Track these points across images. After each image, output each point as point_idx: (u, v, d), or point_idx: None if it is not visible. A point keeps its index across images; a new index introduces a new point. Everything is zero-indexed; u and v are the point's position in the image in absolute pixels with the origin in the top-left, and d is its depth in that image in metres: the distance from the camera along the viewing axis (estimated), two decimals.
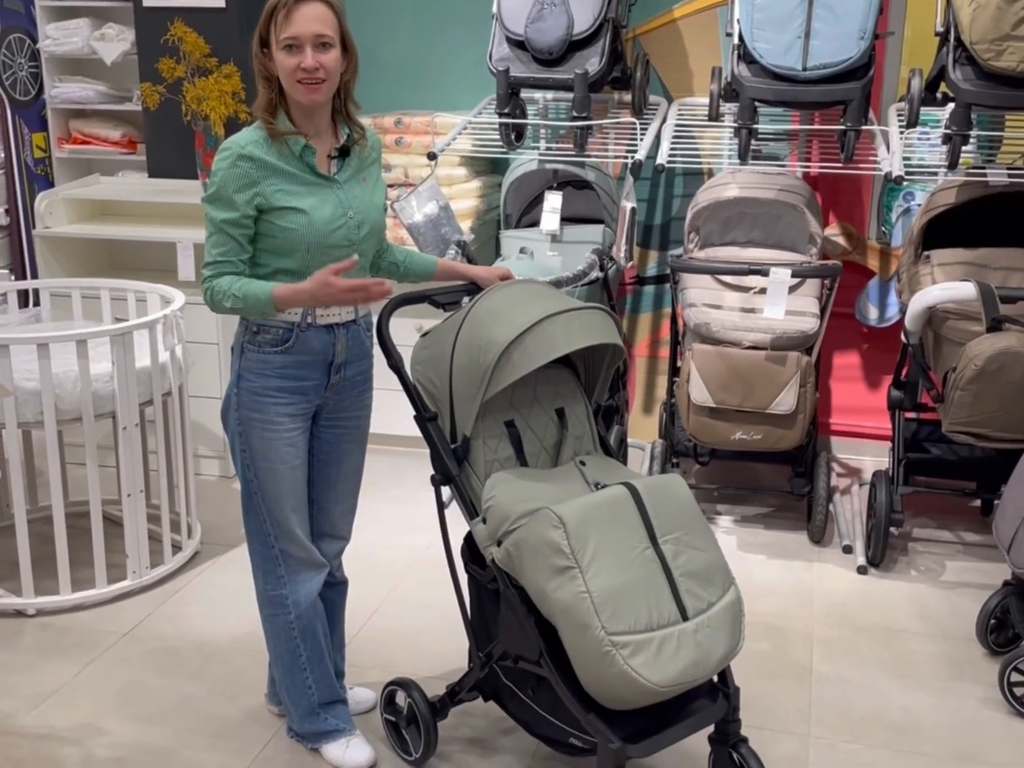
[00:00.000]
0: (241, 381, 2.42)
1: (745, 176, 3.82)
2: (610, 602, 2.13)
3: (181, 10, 4.23)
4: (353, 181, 2.41)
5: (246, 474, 2.47)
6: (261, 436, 2.41)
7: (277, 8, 2.26)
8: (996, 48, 3.12)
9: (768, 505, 4.04)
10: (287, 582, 2.51)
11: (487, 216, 4.32)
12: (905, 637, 3.20)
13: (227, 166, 2.28)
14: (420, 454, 2.56)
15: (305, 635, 2.55)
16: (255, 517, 2.50)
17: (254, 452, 2.43)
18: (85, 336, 3.19)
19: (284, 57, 2.26)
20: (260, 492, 2.46)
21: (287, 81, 2.29)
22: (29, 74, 4.71)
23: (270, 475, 2.44)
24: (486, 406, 2.37)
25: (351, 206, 2.38)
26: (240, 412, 2.42)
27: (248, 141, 2.30)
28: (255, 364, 2.39)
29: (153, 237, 4.21)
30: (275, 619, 2.55)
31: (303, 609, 2.53)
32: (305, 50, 2.25)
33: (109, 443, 3.54)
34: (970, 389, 3.18)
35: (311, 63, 2.25)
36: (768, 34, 3.41)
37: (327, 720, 2.62)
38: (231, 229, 2.30)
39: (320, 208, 2.33)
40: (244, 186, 2.28)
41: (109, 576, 3.35)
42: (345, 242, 2.37)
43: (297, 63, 2.25)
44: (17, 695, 2.89)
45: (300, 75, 2.26)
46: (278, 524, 2.48)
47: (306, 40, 2.24)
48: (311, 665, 2.57)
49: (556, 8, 3.65)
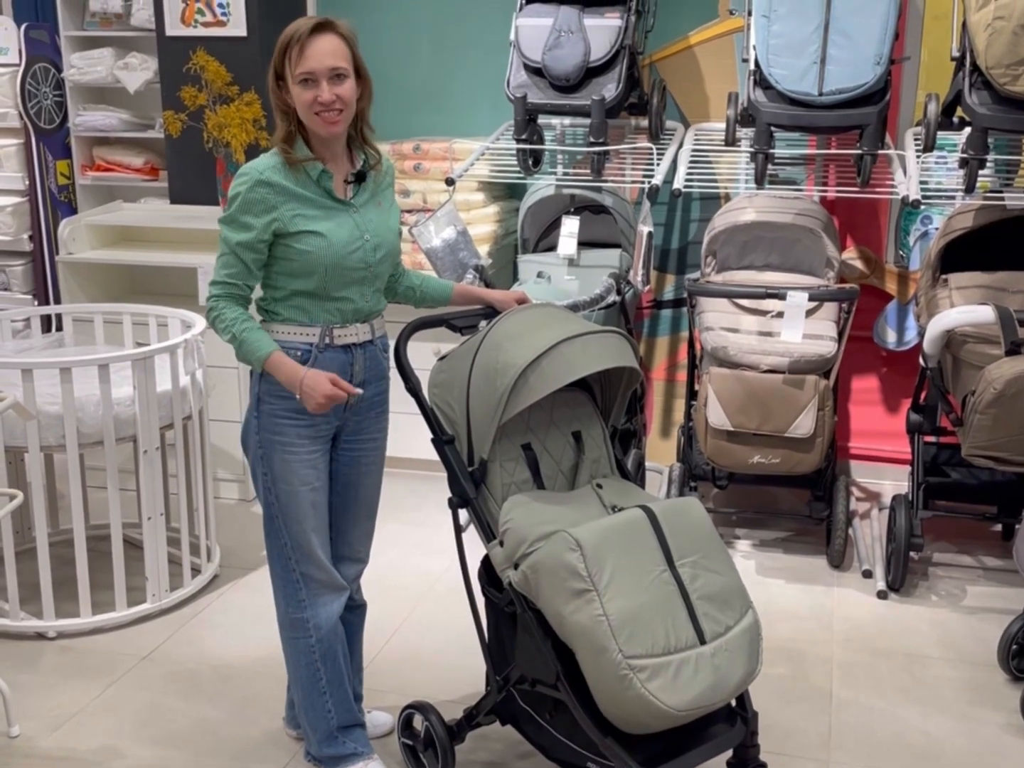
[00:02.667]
0: (261, 404, 2.43)
1: (762, 200, 3.83)
2: (627, 625, 2.13)
3: (203, 39, 4.30)
4: (369, 205, 2.43)
5: (267, 497, 2.48)
6: (282, 458, 2.43)
7: (291, 44, 2.27)
8: (1012, 73, 3.13)
9: (787, 529, 4.02)
10: (308, 605, 2.52)
11: (505, 241, 4.34)
12: (926, 662, 3.18)
13: (245, 190, 2.31)
14: (438, 477, 2.57)
15: (326, 659, 2.55)
16: (276, 540, 2.51)
17: (275, 475, 2.45)
18: (107, 360, 3.23)
19: (300, 91, 2.28)
20: (281, 515, 2.47)
21: (305, 114, 2.31)
22: (54, 103, 4.78)
23: (291, 497, 2.45)
24: (503, 429, 2.38)
25: (367, 229, 2.40)
26: (261, 435, 2.44)
27: (266, 167, 2.33)
28: (275, 387, 2.40)
29: (174, 262, 4.25)
30: (296, 642, 2.55)
31: (324, 632, 2.53)
32: (321, 84, 2.27)
33: (130, 467, 3.56)
34: (989, 413, 3.17)
35: (328, 97, 2.27)
36: (784, 60, 3.43)
37: (345, 744, 2.61)
38: (244, 252, 2.33)
39: (337, 231, 2.35)
40: (262, 211, 2.31)
41: (129, 599, 3.37)
42: (362, 264, 2.39)
43: (314, 97, 2.27)
44: (37, 717, 2.90)
45: (317, 108, 2.28)
46: (299, 547, 2.48)
47: (321, 74, 2.27)
48: (331, 688, 2.57)
49: (573, 36, 3.68)
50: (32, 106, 4.69)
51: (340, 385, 2.32)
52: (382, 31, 4.46)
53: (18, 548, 3.43)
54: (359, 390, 2.38)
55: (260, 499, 2.52)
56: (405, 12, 4.48)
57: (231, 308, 2.36)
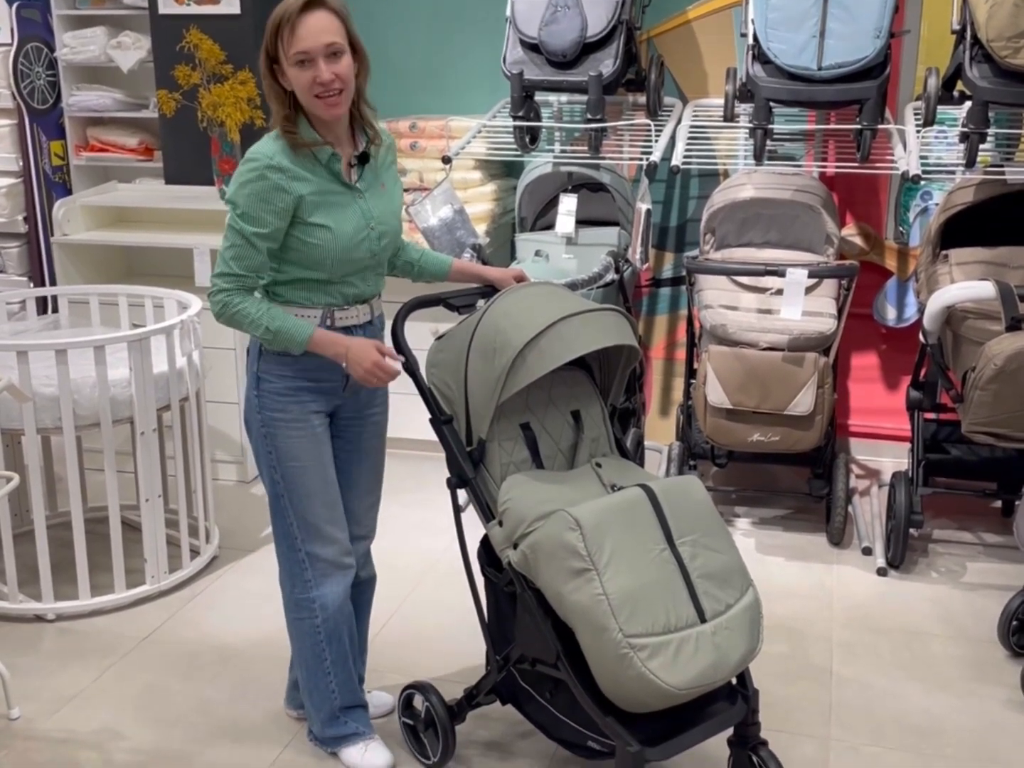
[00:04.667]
0: (261, 383, 2.42)
1: (761, 177, 3.81)
2: (627, 604, 2.12)
3: (196, 17, 4.26)
4: (373, 188, 2.40)
5: (272, 476, 2.46)
6: (287, 435, 2.41)
7: (282, 24, 2.21)
8: (1013, 45, 3.10)
9: (786, 507, 4.02)
10: (314, 586, 2.50)
11: (502, 219, 4.32)
12: (926, 639, 3.18)
13: (255, 177, 2.25)
14: (437, 457, 2.56)
15: (331, 639, 2.54)
16: (282, 521, 2.49)
17: (280, 453, 2.43)
18: (103, 342, 3.21)
19: (297, 73, 2.23)
20: (287, 494, 2.45)
21: (305, 97, 2.26)
22: (47, 83, 4.74)
23: (299, 474, 2.43)
24: (501, 408, 2.36)
25: (372, 216, 2.37)
26: (263, 414, 2.42)
27: (274, 151, 2.27)
28: (275, 366, 2.39)
29: (170, 243, 4.23)
30: (301, 623, 2.54)
31: (330, 612, 2.52)
32: (318, 63, 2.21)
33: (127, 448, 3.55)
34: (989, 389, 3.15)
35: (327, 76, 2.22)
36: (783, 34, 3.40)
37: (347, 724, 2.61)
38: (261, 242, 2.27)
39: (344, 224, 2.32)
40: (277, 198, 2.25)
41: (128, 581, 3.37)
42: (368, 254, 2.37)
43: (312, 77, 2.22)
44: (37, 700, 2.90)
45: (317, 89, 2.23)
46: (306, 525, 2.47)
47: (317, 52, 2.21)
48: (335, 669, 2.57)
49: (570, 11, 3.65)
50: (25, 86, 4.65)
51: (385, 352, 2.32)
52: (378, 8, 4.41)
53: (16, 531, 3.42)
54: (401, 358, 2.38)
55: (264, 479, 2.50)
56: None
57: (248, 301, 2.31)
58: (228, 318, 2.33)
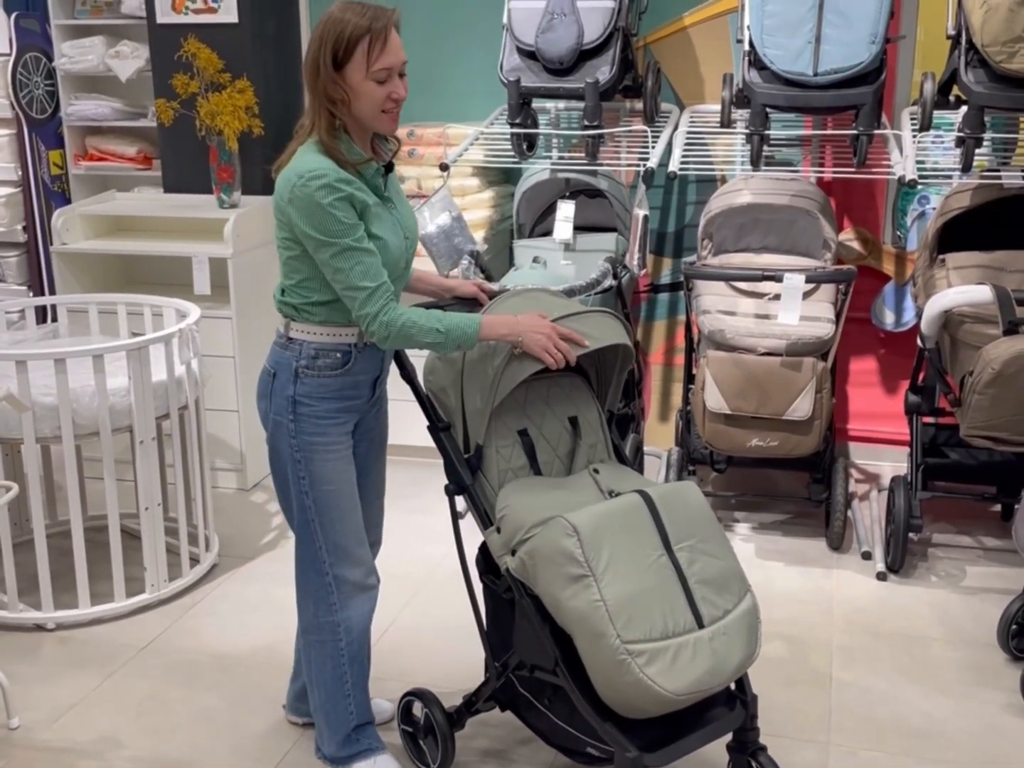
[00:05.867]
0: (298, 407, 2.34)
1: (758, 182, 3.82)
2: (625, 610, 2.12)
3: (194, 26, 4.27)
4: (398, 198, 2.40)
5: (303, 501, 2.40)
6: (324, 459, 2.37)
7: (373, 38, 2.18)
8: (1008, 50, 3.11)
9: (786, 512, 4.02)
10: (339, 609, 2.47)
11: (500, 226, 4.33)
12: (926, 643, 3.18)
13: (326, 192, 2.17)
14: (435, 465, 2.56)
15: (353, 662, 2.52)
16: (310, 545, 2.44)
17: (315, 477, 2.38)
18: (102, 351, 3.22)
19: (374, 88, 2.20)
20: (319, 518, 2.41)
21: (372, 111, 2.23)
22: (45, 92, 4.75)
23: (333, 497, 2.40)
24: (498, 414, 2.37)
25: (404, 226, 2.37)
26: (299, 439, 2.36)
27: (328, 167, 2.19)
28: (314, 389, 2.34)
29: (169, 252, 4.24)
30: (323, 645, 2.51)
31: (354, 636, 2.50)
32: (395, 79, 2.22)
33: (126, 457, 3.56)
34: (987, 393, 3.16)
35: (404, 93, 2.24)
36: (779, 40, 3.41)
37: (359, 742, 2.59)
38: (369, 247, 2.22)
39: (391, 235, 2.30)
40: (349, 206, 2.20)
41: (128, 589, 3.37)
42: (404, 263, 2.37)
43: (387, 93, 2.21)
44: (37, 709, 2.90)
45: (389, 105, 2.23)
46: (336, 548, 2.43)
47: (396, 70, 2.23)
48: (355, 691, 2.55)
49: (566, 18, 3.66)
50: (24, 96, 4.66)
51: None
52: None
53: (16, 540, 3.42)
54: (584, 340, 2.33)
55: (293, 504, 2.43)
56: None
57: (406, 310, 2.24)
58: (396, 335, 2.23)
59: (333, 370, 2.34)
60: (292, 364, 2.35)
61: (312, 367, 2.34)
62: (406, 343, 2.27)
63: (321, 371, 2.34)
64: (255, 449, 4.19)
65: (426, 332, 2.24)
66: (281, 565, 3.60)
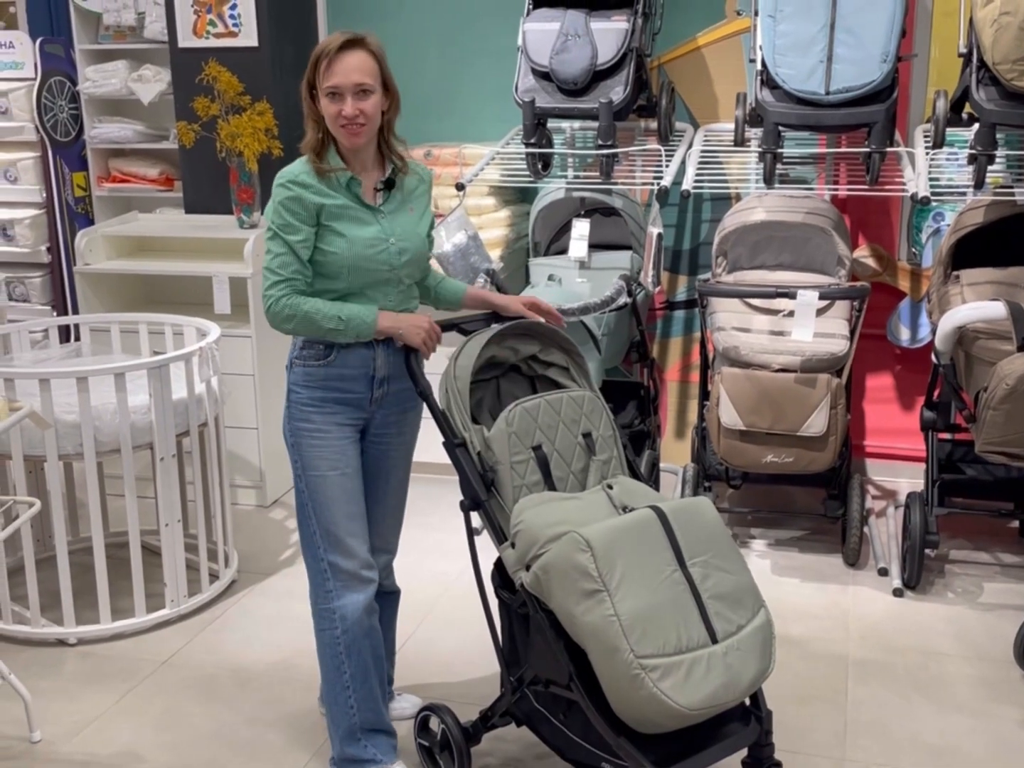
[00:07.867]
0: (292, 394, 2.54)
1: (772, 200, 3.84)
2: (639, 625, 2.14)
3: (215, 50, 4.34)
4: (400, 211, 2.52)
5: (298, 485, 2.56)
6: (310, 445, 2.51)
7: (321, 57, 2.38)
8: (1019, 68, 3.13)
9: (802, 528, 4.02)
10: (335, 596, 2.55)
11: (516, 244, 4.36)
12: (942, 660, 3.17)
13: (283, 191, 2.41)
14: (452, 481, 2.59)
15: (350, 652, 2.56)
16: (306, 529, 2.57)
17: (304, 462, 2.53)
18: (123, 369, 3.26)
19: (327, 104, 2.39)
20: (311, 503, 2.54)
21: (331, 125, 2.42)
22: (69, 115, 4.83)
23: (320, 483, 2.51)
24: (513, 431, 2.41)
25: (393, 233, 2.48)
26: (292, 424, 2.54)
27: (300, 171, 2.43)
28: (302, 377, 2.51)
29: (190, 272, 4.29)
30: (323, 634, 2.59)
31: (349, 624, 2.55)
32: (346, 99, 2.37)
33: (147, 474, 3.59)
34: (1002, 409, 3.16)
35: (351, 111, 2.37)
36: (791, 59, 3.44)
37: (366, 748, 2.61)
38: (301, 249, 2.41)
39: (360, 233, 2.44)
40: (300, 206, 2.40)
41: (148, 605, 3.40)
42: (385, 266, 2.47)
43: (338, 110, 2.38)
44: (58, 723, 2.93)
45: (341, 121, 2.39)
46: (327, 535, 2.53)
47: (346, 90, 2.36)
48: (354, 683, 2.58)
49: (580, 39, 3.70)
50: (48, 119, 4.74)
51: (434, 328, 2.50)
52: (392, 38, 4.43)
53: (39, 556, 3.46)
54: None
55: (295, 490, 2.60)
56: (414, 19, 4.52)
57: (311, 301, 2.41)
58: (299, 319, 2.41)
59: (317, 360, 2.50)
60: (291, 354, 2.55)
61: (300, 356, 2.52)
62: (309, 328, 2.43)
63: (307, 360, 2.51)
64: (274, 466, 4.22)
65: (328, 318, 2.41)
66: (299, 581, 3.60)
